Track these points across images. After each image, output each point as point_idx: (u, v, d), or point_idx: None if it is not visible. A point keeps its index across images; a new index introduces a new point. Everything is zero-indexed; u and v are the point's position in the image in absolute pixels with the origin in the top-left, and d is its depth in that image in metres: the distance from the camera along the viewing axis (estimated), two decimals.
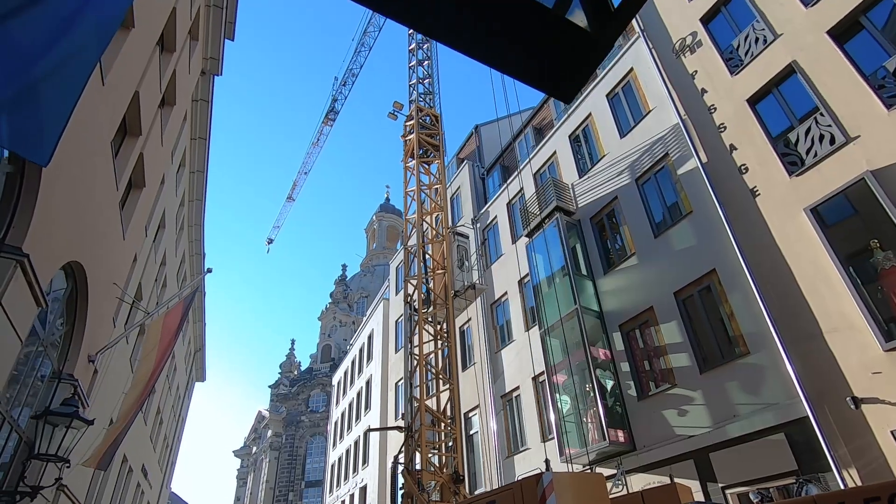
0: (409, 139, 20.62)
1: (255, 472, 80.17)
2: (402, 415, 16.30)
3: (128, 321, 15.79)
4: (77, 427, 8.08)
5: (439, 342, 16.74)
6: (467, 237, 21.95)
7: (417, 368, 15.44)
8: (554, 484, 7.02)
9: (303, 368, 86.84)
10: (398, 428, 15.80)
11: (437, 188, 20.10)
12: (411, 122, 21.01)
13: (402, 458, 14.39)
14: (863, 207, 10.58)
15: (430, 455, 14.58)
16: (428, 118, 21.38)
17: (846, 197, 10.82)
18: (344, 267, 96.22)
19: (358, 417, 36.56)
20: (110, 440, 11.65)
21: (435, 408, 15.96)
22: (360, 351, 39.45)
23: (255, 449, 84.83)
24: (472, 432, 21.96)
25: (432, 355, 17.26)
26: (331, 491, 40.57)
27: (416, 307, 16.49)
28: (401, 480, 13.82)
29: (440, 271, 18.21)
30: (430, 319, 17.41)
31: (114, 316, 14.11)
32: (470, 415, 22.24)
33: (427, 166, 20.61)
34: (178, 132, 18.38)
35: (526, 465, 17.98)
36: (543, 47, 3.38)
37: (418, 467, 14.35)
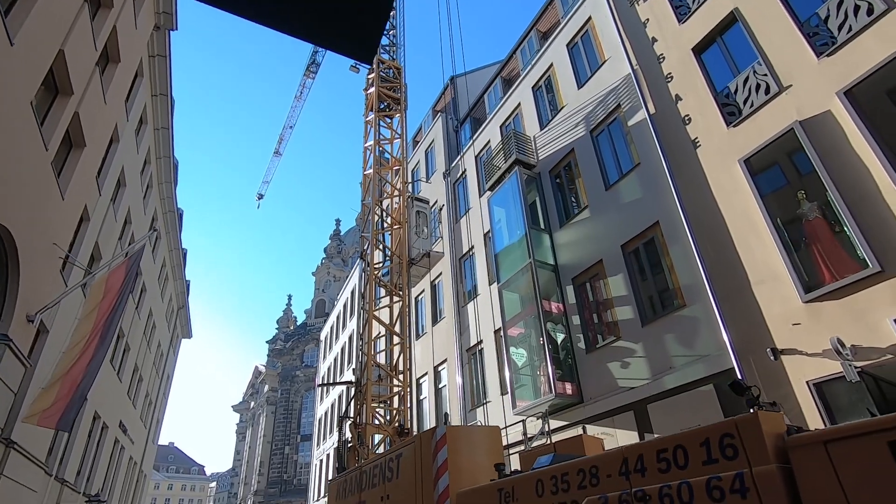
0: (370, 93, 20.30)
1: (254, 427, 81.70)
2: (353, 369, 16.47)
3: (86, 281, 15.83)
4: None
5: (395, 298, 16.77)
6: (427, 202, 21.73)
7: (368, 324, 15.52)
8: (447, 437, 7.13)
9: (299, 324, 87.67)
10: (349, 383, 15.98)
11: (397, 142, 19.86)
12: (373, 74, 20.63)
13: (351, 413, 14.62)
14: (791, 158, 10.44)
15: (378, 409, 14.79)
16: (390, 71, 20.96)
17: (776, 148, 10.67)
18: (338, 222, 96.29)
19: (342, 372, 37.04)
20: (54, 398, 11.70)
21: (386, 363, 16.12)
22: (345, 306, 39.71)
23: (252, 404, 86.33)
24: (440, 386, 22.24)
25: (386, 310, 17.37)
26: (318, 444, 41.39)
27: (369, 262, 16.48)
28: (348, 434, 14.06)
29: (397, 227, 18.15)
30: (384, 278, 17.44)
31: (63, 274, 14.16)
32: (439, 369, 22.50)
33: (389, 121, 20.32)
34: (130, 89, 18.09)
35: (488, 417, 18.27)
36: (338, 13, 3.30)
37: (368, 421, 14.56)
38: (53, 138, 11.79)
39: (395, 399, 15.22)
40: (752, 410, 3.48)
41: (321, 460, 39.01)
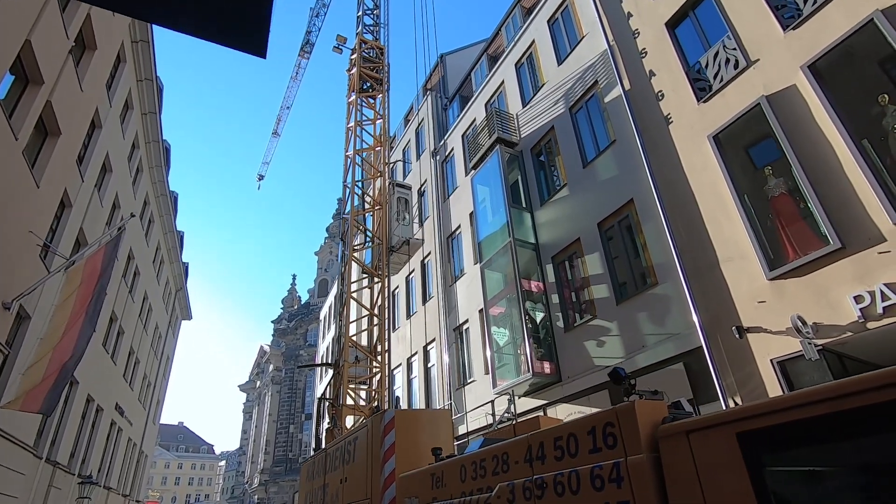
0: (352, 73, 20.15)
1: (260, 406, 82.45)
2: (332, 350, 16.59)
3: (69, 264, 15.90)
4: None
5: (374, 280, 16.81)
6: (409, 187, 21.68)
7: (345, 305, 15.59)
8: (395, 421, 7.20)
9: (303, 303, 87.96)
10: (329, 364, 16.09)
11: (379, 123, 19.75)
12: (355, 55, 20.46)
13: (329, 394, 14.75)
14: (758, 134, 10.33)
15: (356, 390, 14.91)
16: (373, 51, 20.80)
17: (744, 123, 10.55)
18: (339, 201, 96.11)
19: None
20: (36, 384, 11.81)
21: (365, 344, 16.21)
22: None
23: (258, 384, 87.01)
24: (429, 365, 22.37)
25: (365, 292, 17.42)
26: (318, 423, 41.75)
27: (348, 243, 16.48)
28: (326, 416, 14.18)
29: (378, 208, 18.14)
30: (366, 264, 17.45)
31: (45, 260, 14.24)
32: (428, 348, 22.61)
33: (372, 101, 20.18)
34: (111, 76, 18.03)
35: (473, 396, 18.40)
36: (221, 10, 3.25)
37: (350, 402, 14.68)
38: (24, 127, 11.79)
39: (375, 380, 15.32)
40: (626, 399, 3.49)
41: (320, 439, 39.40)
